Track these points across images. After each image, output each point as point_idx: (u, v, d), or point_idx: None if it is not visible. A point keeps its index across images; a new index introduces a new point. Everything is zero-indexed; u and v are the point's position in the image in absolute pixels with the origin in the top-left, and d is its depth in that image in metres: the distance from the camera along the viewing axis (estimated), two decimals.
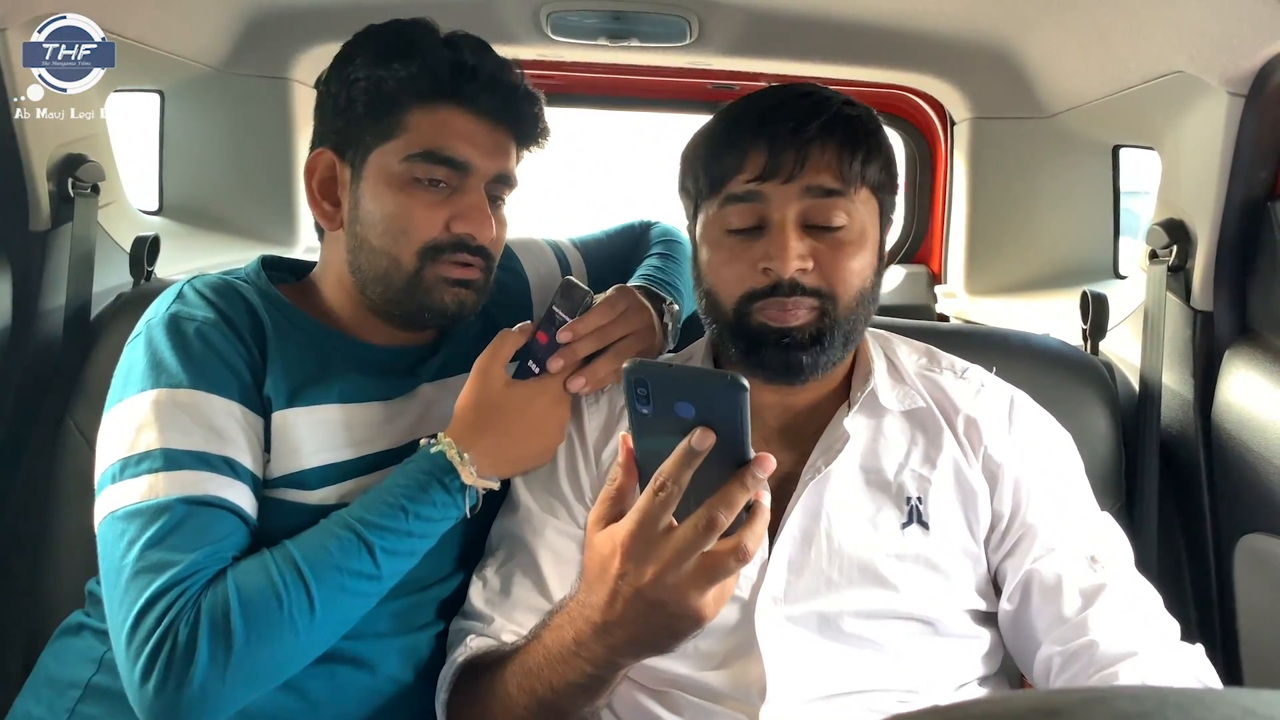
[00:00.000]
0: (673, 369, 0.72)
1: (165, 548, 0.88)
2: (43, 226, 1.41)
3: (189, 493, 0.90)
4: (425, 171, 1.02)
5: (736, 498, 0.72)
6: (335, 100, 1.05)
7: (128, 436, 0.93)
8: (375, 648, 1.03)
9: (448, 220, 1.04)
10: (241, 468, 0.95)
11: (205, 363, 0.96)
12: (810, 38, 1.73)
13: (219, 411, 0.95)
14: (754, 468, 0.72)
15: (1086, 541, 0.97)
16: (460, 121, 1.04)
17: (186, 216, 1.94)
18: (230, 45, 1.75)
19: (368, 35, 1.06)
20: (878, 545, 0.97)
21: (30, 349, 1.40)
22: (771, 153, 0.96)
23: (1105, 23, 1.35)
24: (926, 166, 2.28)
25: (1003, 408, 1.04)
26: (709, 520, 0.72)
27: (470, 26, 1.06)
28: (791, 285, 0.96)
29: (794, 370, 0.99)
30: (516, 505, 1.08)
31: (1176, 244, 1.33)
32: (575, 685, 0.85)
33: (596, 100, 2.38)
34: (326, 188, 1.08)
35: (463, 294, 1.06)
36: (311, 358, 1.04)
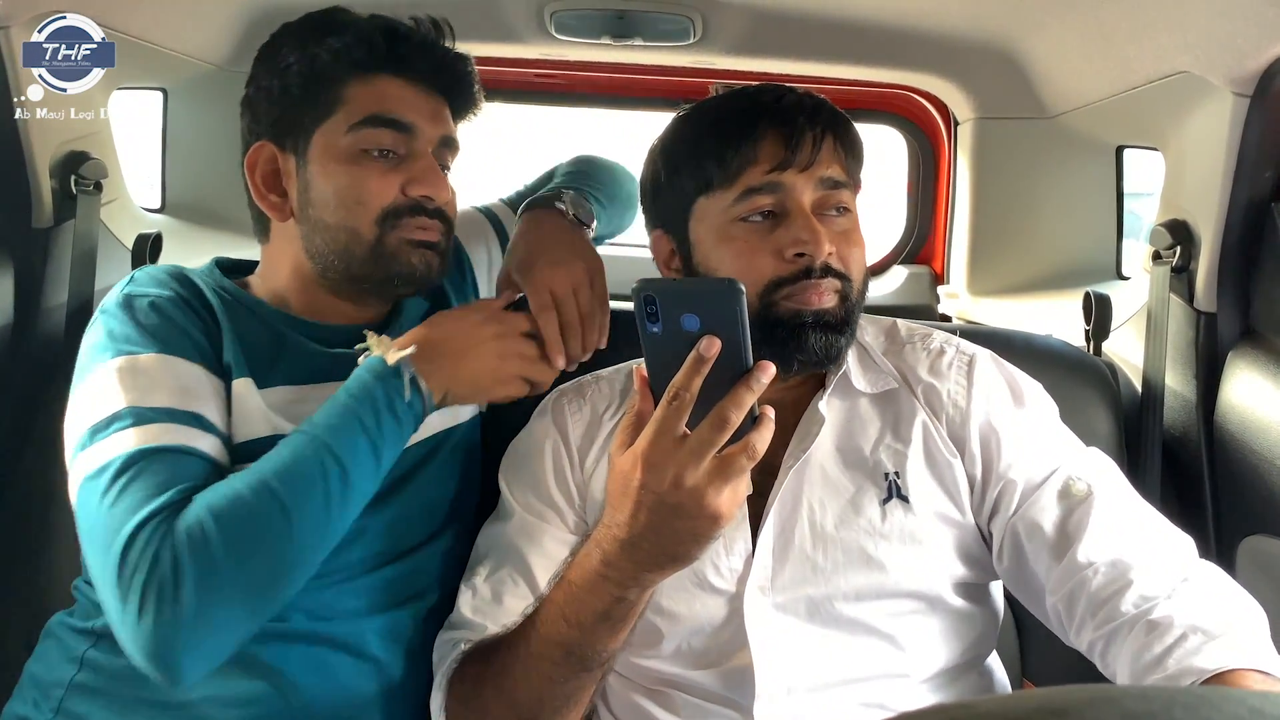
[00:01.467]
0: (677, 281, 0.79)
1: (138, 489, 0.88)
2: (45, 223, 1.42)
3: (159, 442, 0.90)
4: (372, 139, 1.02)
5: (744, 398, 0.77)
6: (267, 92, 1.05)
7: (94, 406, 0.93)
8: (354, 627, 1.03)
9: (402, 185, 1.04)
10: (209, 423, 0.95)
11: (164, 331, 0.97)
12: (814, 37, 1.73)
13: (183, 373, 0.96)
14: (757, 372, 0.78)
15: (1060, 477, 0.96)
16: (397, 88, 1.04)
17: (189, 214, 1.94)
18: (233, 43, 1.75)
19: (290, 25, 1.07)
20: (861, 525, 0.97)
21: (32, 346, 1.40)
22: (789, 144, 0.99)
23: (1109, 23, 1.35)
24: (930, 167, 2.28)
25: (961, 370, 1.04)
26: (720, 419, 0.77)
27: (474, 25, 1.06)
28: (824, 268, 0.98)
29: (834, 353, 1.00)
30: (509, 513, 1.07)
31: (1180, 245, 1.33)
32: (600, 614, 0.88)
33: (599, 100, 2.38)
34: (270, 181, 1.07)
35: (428, 255, 1.06)
36: (264, 338, 1.05)
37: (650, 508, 0.80)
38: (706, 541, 0.82)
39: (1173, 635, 0.82)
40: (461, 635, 1.01)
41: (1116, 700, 0.25)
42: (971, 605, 0.99)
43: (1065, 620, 0.92)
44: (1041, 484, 0.96)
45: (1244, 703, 0.24)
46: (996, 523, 0.98)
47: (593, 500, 1.05)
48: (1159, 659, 0.81)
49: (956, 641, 0.98)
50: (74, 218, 1.44)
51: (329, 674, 1.01)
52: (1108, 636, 0.87)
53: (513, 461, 1.12)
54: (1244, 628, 0.83)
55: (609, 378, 1.16)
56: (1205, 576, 0.89)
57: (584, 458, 1.07)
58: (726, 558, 0.97)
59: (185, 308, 1.01)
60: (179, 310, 1.00)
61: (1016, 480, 0.97)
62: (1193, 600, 0.85)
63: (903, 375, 1.05)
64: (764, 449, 0.79)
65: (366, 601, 1.04)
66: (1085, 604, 0.89)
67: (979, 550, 1.00)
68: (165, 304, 0.99)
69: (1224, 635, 0.81)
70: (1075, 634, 0.91)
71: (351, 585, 1.03)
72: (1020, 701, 0.26)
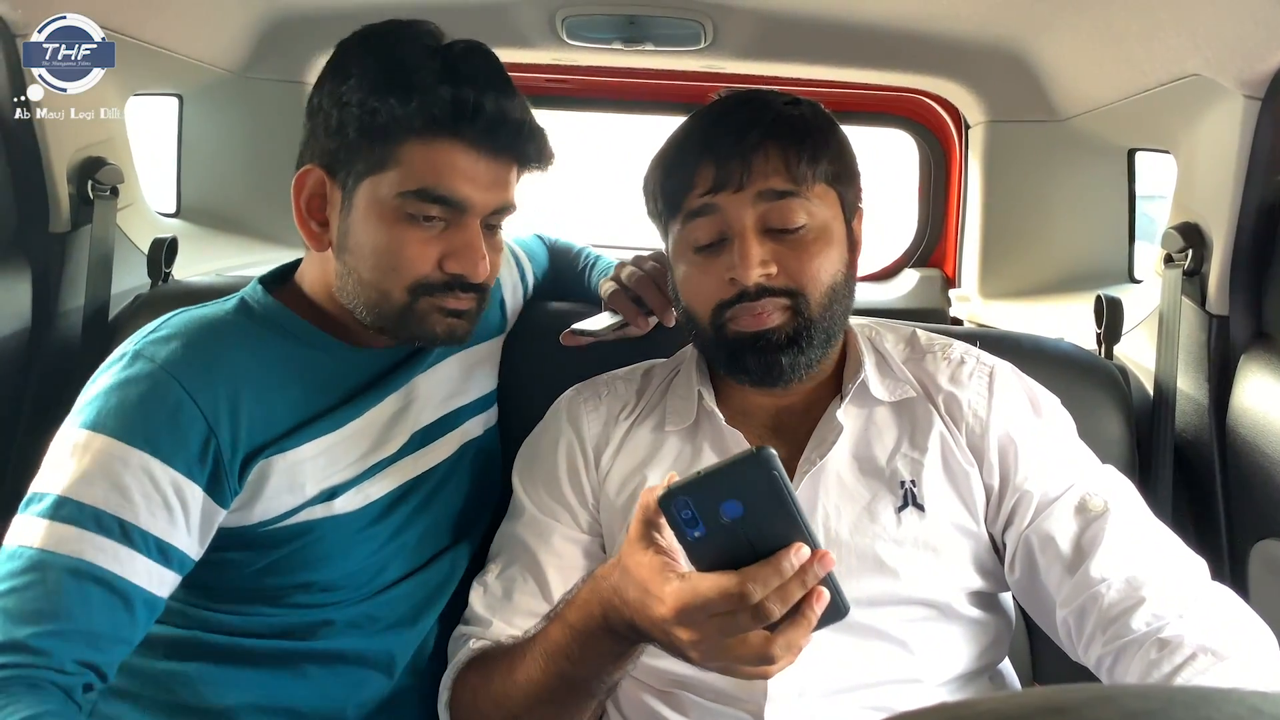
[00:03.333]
0: (700, 475, 0.71)
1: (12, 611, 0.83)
2: (62, 228, 1.43)
3: (64, 551, 0.85)
4: (419, 209, 0.97)
5: (793, 592, 0.71)
6: (327, 118, 0.99)
7: (44, 469, 0.91)
8: (384, 638, 1.05)
9: (440, 258, 0.99)
10: (137, 532, 0.88)
11: (140, 412, 0.90)
12: (824, 41, 1.73)
13: (132, 468, 0.88)
14: (815, 564, 0.70)
15: (1077, 492, 0.96)
16: (459, 158, 0.97)
17: (204, 219, 1.96)
18: (248, 49, 1.76)
19: (364, 48, 1.00)
20: (876, 532, 0.97)
21: (49, 349, 1.42)
22: (718, 165, 0.98)
23: (1120, 26, 1.34)
24: (941, 170, 2.27)
25: (982, 380, 1.04)
26: (756, 615, 0.71)
27: (485, 31, 1.06)
28: (758, 290, 0.97)
29: (775, 373, 1.00)
30: (521, 511, 1.09)
31: (1192, 248, 1.32)
32: (604, 655, 0.86)
33: (610, 104, 2.39)
34: (315, 206, 1.02)
35: (455, 323, 1.04)
36: (311, 383, 1.02)
37: (659, 635, 0.77)
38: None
39: (1182, 655, 0.81)
40: (473, 631, 1.02)
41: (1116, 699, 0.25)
42: (984, 613, 0.99)
43: (1075, 635, 0.91)
44: (1058, 498, 0.96)
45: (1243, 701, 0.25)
46: (1010, 534, 0.98)
47: (606, 500, 1.06)
48: (1167, 678, 0.81)
49: (969, 648, 0.98)
50: (91, 223, 1.46)
51: (360, 681, 1.03)
52: (1116, 653, 0.86)
53: (526, 459, 1.13)
54: (1254, 650, 0.82)
55: (624, 377, 1.17)
56: (1217, 598, 0.88)
57: (599, 456, 1.08)
58: None
59: (197, 383, 0.93)
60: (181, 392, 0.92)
61: (1032, 492, 0.97)
62: (1204, 621, 0.84)
63: (922, 384, 1.05)
64: (784, 654, 0.73)
65: (398, 611, 1.06)
66: (1096, 619, 0.88)
67: (992, 560, 1.00)
68: (167, 382, 0.92)
69: (1234, 657, 0.80)
70: (1084, 649, 0.91)
71: (386, 597, 1.05)
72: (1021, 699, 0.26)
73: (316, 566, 1.01)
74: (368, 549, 1.04)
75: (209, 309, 1.03)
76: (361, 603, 1.04)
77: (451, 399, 1.15)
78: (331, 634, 1.02)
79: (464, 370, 1.18)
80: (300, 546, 1.00)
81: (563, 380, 1.19)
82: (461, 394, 1.17)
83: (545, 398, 1.18)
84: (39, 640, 0.82)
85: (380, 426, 1.07)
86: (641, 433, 1.09)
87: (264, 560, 0.99)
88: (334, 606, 1.02)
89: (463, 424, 1.16)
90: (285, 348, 1.03)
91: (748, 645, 0.72)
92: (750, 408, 1.07)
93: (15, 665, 0.81)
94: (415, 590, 1.08)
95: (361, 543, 1.03)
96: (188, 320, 1.00)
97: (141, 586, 0.88)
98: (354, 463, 1.03)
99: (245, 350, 0.99)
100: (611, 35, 1.70)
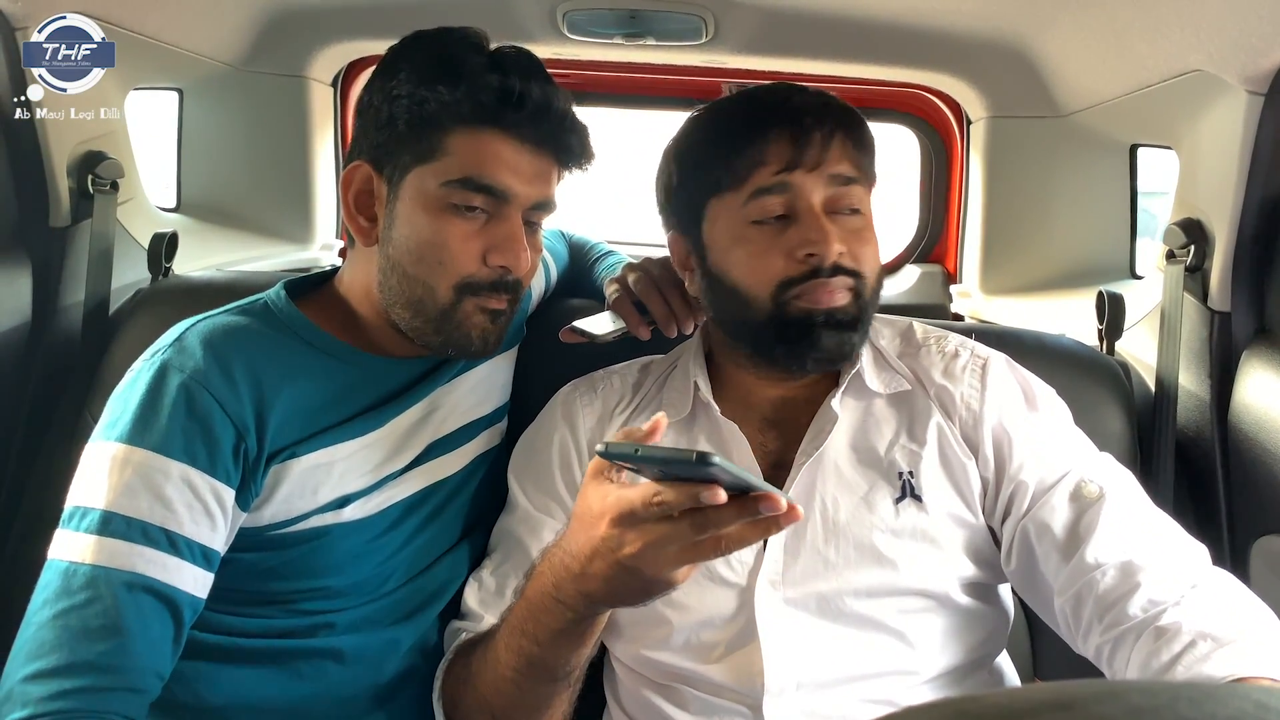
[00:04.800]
0: (639, 453, 0.71)
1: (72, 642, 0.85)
2: (63, 223, 1.43)
3: (116, 565, 0.87)
4: (463, 198, 0.99)
5: (728, 520, 0.71)
6: (376, 113, 1.01)
7: (83, 484, 0.92)
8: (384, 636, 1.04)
9: (484, 251, 1.01)
10: (184, 541, 0.91)
11: (175, 423, 0.92)
12: (826, 36, 1.73)
13: (173, 479, 0.91)
14: (760, 505, 0.70)
15: (1072, 479, 0.96)
16: (503, 148, 0.99)
17: (204, 213, 1.95)
18: (248, 43, 1.76)
19: (414, 46, 1.02)
20: (873, 523, 0.97)
21: (49, 344, 1.42)
22: (796, 144, 0.99)
23: (1123, 21, 1.34)
24: (942, 165, 2.27)
25: (975, 373, 1.04)
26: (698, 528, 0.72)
27: (487, 25, 1.06)
28: (834, 268, 0.98)
29: (847, 350, 1.00)
30: (515, 506, 1.10)
31: (1194, 244, 1.32)
32: (556, 632, 0.86)
33: (611, 99, 2.39)
34: (362, 201, 1.04)
35: (489, 328, 1.04)
36: (331, 391, 1.03)
37: (606, 560, 0.77)
38: (657, 596, 0.80)
39: (1181, 642, 0.81)
40: (467, 625, 1.03)
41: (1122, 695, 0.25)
42: (981, 605, 0.99)
43: (1072, 623, 0.91)
44: (1053, 486, 0.96)
45: (1249, 697, 0.25)
46: (1007, 525, 0.98)
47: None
48: (1167, 666, 0.80)
49: (966, 640, 0.98)
50: (91, 217, 1.45)
51: (356, 679, 1.03)
52: (1115, 641, 0.86)
53: (521, 454, 1.14)
54: (1255, 635, 0.82)
55: (621, 372, 1.17)
56: (1217, 583, 0.88)
57: (593, 451, 1.08)
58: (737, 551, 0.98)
59: (224, 388, 0.95)
60: (210, 397, 0.94)
61: (1028, 482, 0.97)
62: (1203, 606, 0.84)
63: (917, 377, 1.05)
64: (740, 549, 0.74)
65: (399, 612, 1.06)
66: (1092, 606, 0.88)
67: (990, 552, 1.00)
68: (196, 388, 0.94)
69: (1234, 642, 0.80)
70: (1082, 639, 0.91)
71: (389, 600, 1.05)
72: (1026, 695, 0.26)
73: (324, 573, 1.01)
74: (377, 558, 1.04)
75: (229, 316, 1.04)
76: (364, 606, 1.04)
77: (472, 410, 1.15)
78: (331, 634, 1.02)
79: (487, 381, 1.19)
80: (307, 552, 1.00)
81: (569, 377, 1.19)
82: (482, 405, 1.17)
83: (551, 396, 1.18)
84: (107, 658, 0.85)
85: (398, 438, 1.07)
86: (637, 426, 1.09)
87: (269, 563, 0.99)
88: (337, 611, 1.02)
89: (479, 435, 1.16)
90: (306, 356, 1.03)
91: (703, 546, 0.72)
92: (750, 399, 1.07)
93: (85, 690, 0.84)
94: (416, 592, 1.08)
95: (371, 552, 1.04)
96: (210, 328, 1.00)
97: (189, 593, 0.91)
98: (369, 472, 1.04)
99: (266, 357, 1.00)
100: (613, 29, 1.69)
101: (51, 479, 1.34)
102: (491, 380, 1.20)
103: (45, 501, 1.33)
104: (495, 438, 1.20)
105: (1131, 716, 0.24)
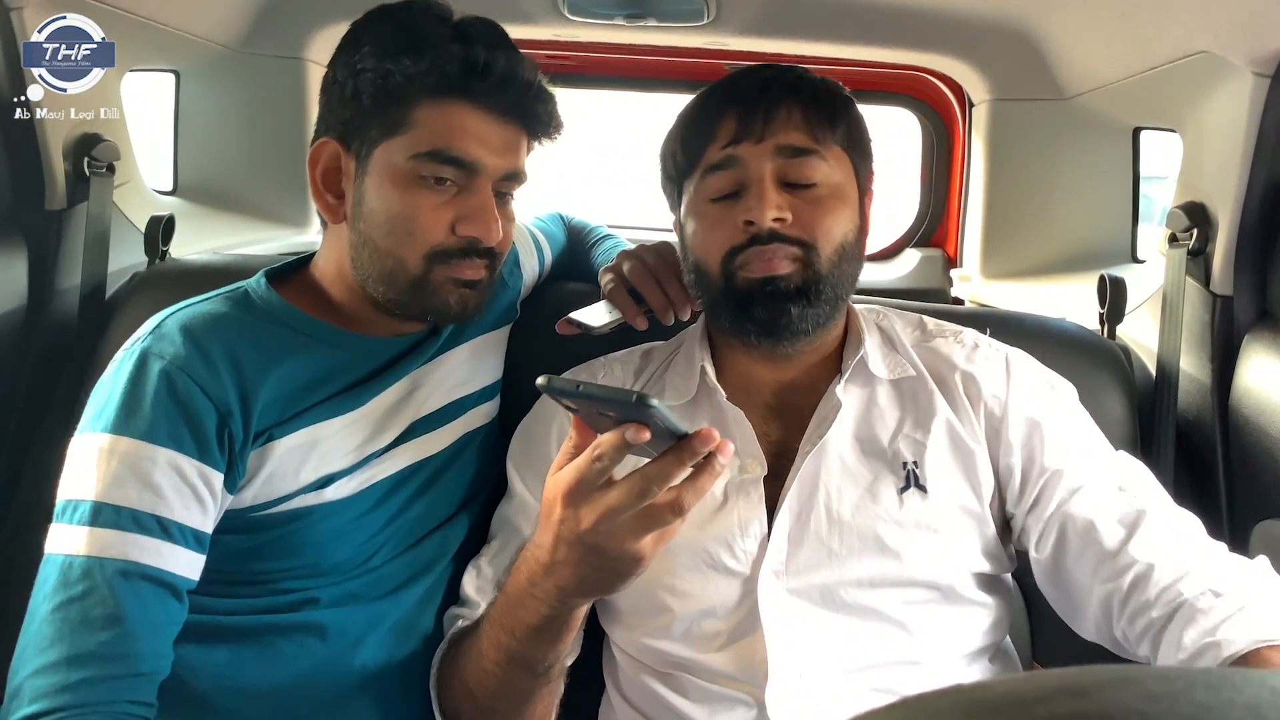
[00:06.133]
0: (581, 390, 0.71)
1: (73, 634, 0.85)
2: (59, 205, 1.42)
3: (110, 554, 0.88)
4: (431, 170, 0.98)
5: (671, 472, 0.73)
6: (341, 88, 1.00)
7: (72, 477, 0.92)
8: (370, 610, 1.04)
9: (453, 222, 1.00)
10: (175, 526, 0.91)
11: (159, 410, 0.92)
12: (827, 18, 1.72)
13: (160, 465, 0.91)
14: (694, 442, 0.72)
15: (1111, 473, 0.97)
16: (470, 119, 0.99)
17: (201, 196, 1.94)
18: (246, 24, 1.75)
19: (377, 19, 1.02)
20: (877, 513, 0.97)
21: (46, 328, 1.41)
22: (741, 118, 1.01)
23: (1128, 2, 1.33)
24: (944, 149, 2.26)
25: (999, 363, 1.05)
26: (641, 490, 0.73)
27: (487, 5, 1.05)
28: (770, 234, 0.98)
29: (783, 323, 0.99)
30: (513, 494, 1.10)
31: (1196, 227, 1.31)
32: (533, 628, 0.87)
33: (612, 81, 2.37)
34: (330, 179, 1.04)
35: (468, 294, 1.04)
36: (312, 372, 1.03)
37: (569, 543, 0.78)
38: (629, 577, 0.80)
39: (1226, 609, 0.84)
40: (464, 613, 1.03)
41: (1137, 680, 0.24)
42: (986, 594, 0.99)
43: (1121, 605, 0.91)
44: (1092, 480, 0.96)
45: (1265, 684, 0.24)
46: (1035, 513, 0.98)
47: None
48: (1210, 631, 0.83)
49: (969, 630, 0.98)
50: (87, 200, 1.44)
51: (336, 656, 1.02)
52: (1163, 621, 0.87)
53: (519, 442, 1.13)
54: None
55: (622, 359, 1.16)
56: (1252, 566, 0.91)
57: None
58: (742, 540, 0.98)
59: (206, 373, 0.95)
60: (191, 382, 0.94)
61: (1063, 472, 0.97)
62: (1245, 584, 0.87)
63: (935, 366, 1.05)
64: (696, 502, 0.74)
65: (384, 587, 1.06)
66: (1145, 589, 0.89)
67: (996, 541, 1.00)
68: (177, 374, 0.94)
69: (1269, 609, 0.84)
70: (1128, 622, 0.91)
71: (374, 575, 1.05)
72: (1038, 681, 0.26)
73: (306, 552, 1.01)
74: (360, 536, 1.04)
75: (208, 304, 1.04)
76: (348, 581, 1.04)
77: (457, 389, 1.15)
78: (314, 609, 1.02)
79: (472, 359, 1.18)
80: (289, 532, 1.00)
81: (567, 364, 1.19)
82: (468, 383, 1.17)
83: None
84: (110, 646, 0.86)
85: (380, 416, 1.06)
86: None
87: (251, 544, 0.99)
88: (320, 588, 1.02)
89: (465, 413, 1.16)
90: (285, 338, 1.03)
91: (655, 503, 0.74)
92: (752, 384, 1.07)
93: (92, 680, 0.84)
94: (403, 568, 1.07)
95: (354, 530, 1.03)
96: (189, 316, 1.00)
97: (183, 575, 0.92)
98: (351, 451, 1.03)
99: (246, 342, 1.00)
100: (614, 10, 1.68)
101: (48, 464, 1.33)
102: (477, 358, 1.19)
103: (42, 488, 1.32)
104: (484, 416, 1.19)
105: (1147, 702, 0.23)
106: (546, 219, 1.48)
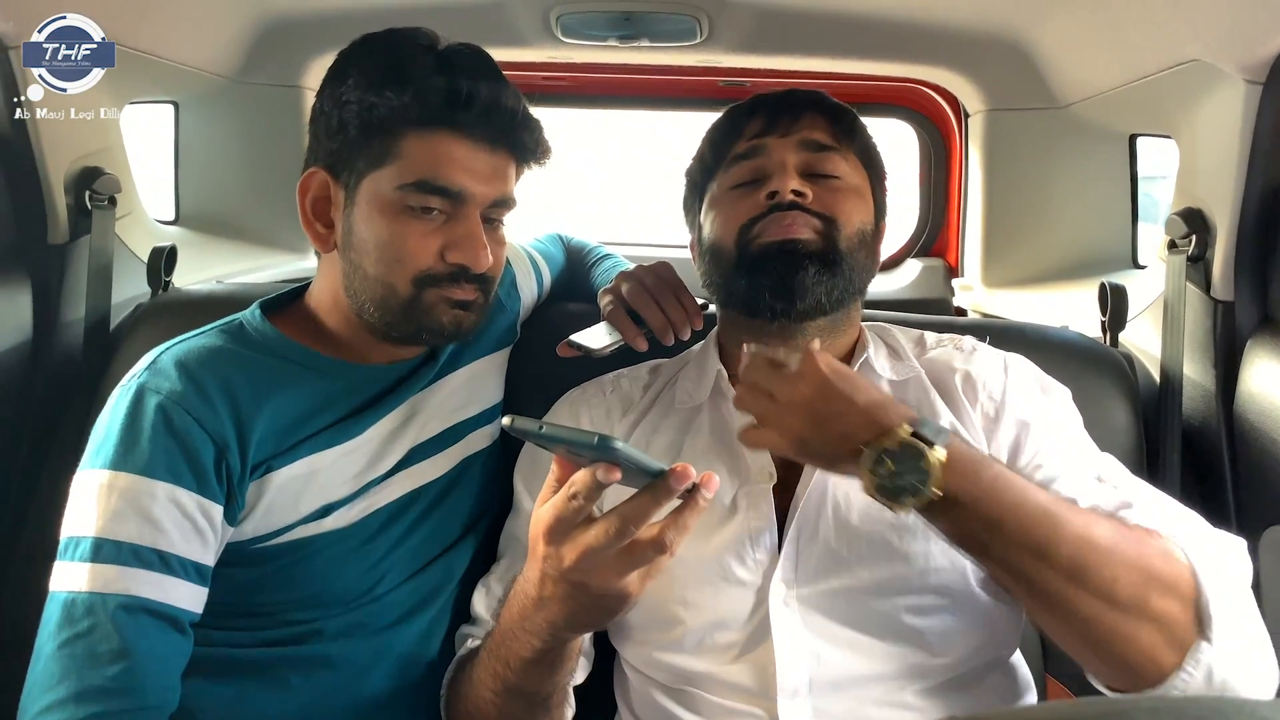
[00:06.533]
0: (544, 431, 0.70)
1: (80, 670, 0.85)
2: (61, 239, 1.43)
3: (112, 590, 0.88)
4: (418, 200, 0.98)
5: (648, 511, 0.72)
6: (328, 119, 1.01)
7: (73, 514, 0.93)
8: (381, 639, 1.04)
9: (441, 249, 1.00)
10: (176, 559, 0.91)
11: (156, 445, 0.93)
12: (821, 32, 1.72)
13: (160, 500, 0.91)
14: (669, 480, 0.71)
15: (1090, 468, 0.97)
16: (456, 148, 0.99)
17: (203, 226, 1.95)
18: (243, 55, 1.76)
19: (361, 50, 1.02)
20: (885, 518, 0.96)
21: (51, 361, 1.41)
22: (768, 116, 1.08)
23: (1119, 11, 1.34)
24: (941, 160, 2.27)
25: (997, 364, 1.06)
26: (619, 530, 0.72)
27: (480, 30, 1.06)
28: (791, 203, 1.01)
29: (799, 283, 1.00)
30: (519, 510, 1.10)
31: (1195, 233, 1.31)
32: (527, 660, 0.87)
33: (606, 101, 2.38)
34: (320, 208, 1.04)
35: (461, 315, 1.04)
36: (308, 403, 1.03)
37: (553, 580, 0.78)
38: (618, 612, 0.79)
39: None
40: (474, 632, 1.04)
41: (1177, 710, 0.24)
42: (994, 601, 0.99)
43: None
44: (1066, 471, 0.96)
45: None
46: None
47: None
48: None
49: (980, 639, 0.98)
50: (89, 233, 1.45)
51: (344, 686, 1.02)
52: None
53: (526, 458, 1.14)
54: None
55: (629, 375, 1.17)
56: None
57: None
58: (753, 550, 0.98)
59: (202, 407, 0.96)
60: (187, 415, 0.95)
61: (1043, 462, 0.97)
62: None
63: (935, 370, 1.06)
64: (680, 541, 0.73)
65: (390, 616, 1.06)
66: None
67: None
68: (173, 408, 0.94)
69: None
70: None
71: (379, 604, 1.05)
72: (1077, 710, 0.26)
73: (309, 583, 1.01)
74: (362, 565, 1.04)
75: (203, 338, 1.04)
76: (353, 611, 1.04)
77: (456, 413, 1.15)
78: (319, 641, 1.02)
79: (471, 383, 1.18)
80: (291, 563, 1.00)
81: (567, 385, 1.19)
82: (467, 407, 1.17)
83: (552, 400, 1.18)
84: (117, 681, 0.86)
85: (378, 443, 1.07)
86: (645, 427, 1.09)
87: (253, 576, 0.99)
88: (324, 619, 1.02)
89: (466, 437, 1.16)
90: (280, 370, 1.03)
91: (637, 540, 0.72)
92: None
93: (100, 716, 0.84)
94: (408, 596, 1.07)
95: (356, 559, 1.03)
96: (183, 350, 1.01)
97: (186, 608, 0.92)
98: (349, 480, 1.04)
99: (242, 374, 1.00)
100: (607, 32, 1.69)
101: (56, 497, 1.33)
102: (476, 382, 1.19)
103: (49, 522, 1.32)
104: (485, 439, 1.19)
105: None
106: (545, 240, 1.48)
